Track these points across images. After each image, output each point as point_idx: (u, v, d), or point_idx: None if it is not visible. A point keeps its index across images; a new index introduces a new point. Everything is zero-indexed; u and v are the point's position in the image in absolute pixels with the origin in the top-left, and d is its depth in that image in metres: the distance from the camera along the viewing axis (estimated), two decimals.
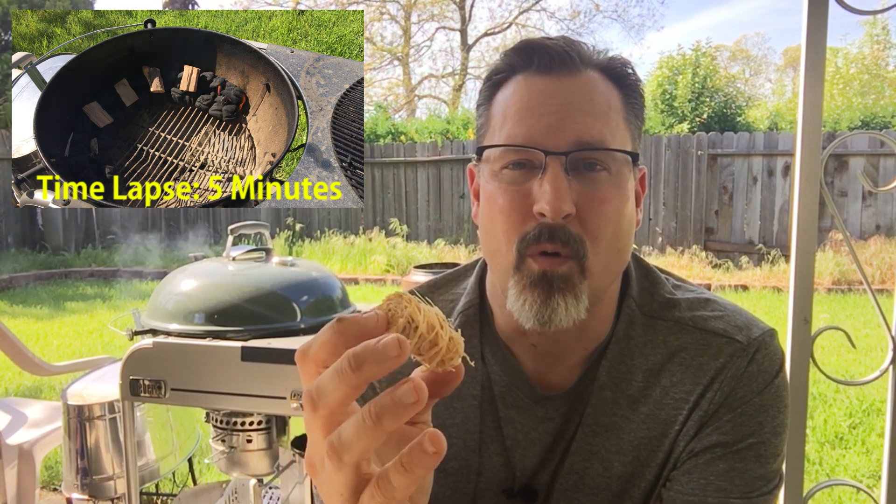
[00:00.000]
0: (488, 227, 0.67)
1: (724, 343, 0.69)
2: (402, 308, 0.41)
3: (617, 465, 0.69)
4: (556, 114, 0.62)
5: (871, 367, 4.14)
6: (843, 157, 8.19)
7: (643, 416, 0.69)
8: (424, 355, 0.41)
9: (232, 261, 1.87)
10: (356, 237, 9.52)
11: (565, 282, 0.62)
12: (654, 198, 9.17)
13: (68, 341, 5.52)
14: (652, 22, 29.03)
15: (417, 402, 0.36)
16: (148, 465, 2.01)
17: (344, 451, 0.37)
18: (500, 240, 0.64)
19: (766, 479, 0.67)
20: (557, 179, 0.60)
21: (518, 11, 17.27)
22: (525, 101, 0.63)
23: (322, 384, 0.38)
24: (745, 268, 8.34)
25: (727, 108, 10.59)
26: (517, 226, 0.63)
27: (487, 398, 0.73)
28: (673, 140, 9.15)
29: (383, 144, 10.32)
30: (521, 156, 0.63)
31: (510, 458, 0.72)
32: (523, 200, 0.62)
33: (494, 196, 0.65)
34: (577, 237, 0.62)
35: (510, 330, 0.71)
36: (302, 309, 1.70)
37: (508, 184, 0.64)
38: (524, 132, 0.62)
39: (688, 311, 0.72)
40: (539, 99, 0.63)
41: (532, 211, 0.62)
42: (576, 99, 0.63)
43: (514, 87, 0.65)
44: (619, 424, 0.69)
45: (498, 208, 0.64)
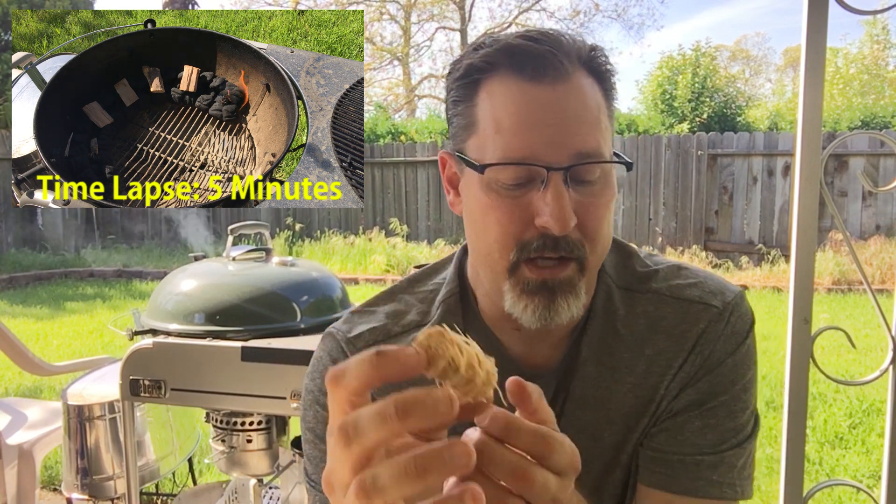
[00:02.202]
0: (480, 231, 0.67)
1: (702, 310, 0.72)
2: (443, 348, 0.40)
3: (607, 435, 0.71)
4: (555, 126, 0.62)
5: (871, 367, 4.13)
6: (843, 157, 8.19)
7: (629, 386, 0.71)
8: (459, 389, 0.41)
9: (232, 261, 1.87)
10: (356, 237, 9.52)
11: (567, 285, 0.64)
12: (654, 198, 9.17)
13: (68, 341, 5.52)
14: (652, 21, 29.05)
15: (467, 466, 0.36)
16: (148, 465, 2.01)
17: (377, 494, 0.37)
18: (494, 246, 0.65)
19: (735, 432, 0.70)
20: (561, 196, 0.61)
21: (518, 11, 17.27)
22: (522, 112, 0.62)
23: (361, 423, 0.38)
24: (745, 268, 8.34)
25: (727, 108, 10.60)
26: (515, 235, 0.63)
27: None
28: (673, 140, 9.15)
29: (383, 144, 10.32)
30: (522, 173, 0.62)
31: None
32: (523, 212, 0.63)
33: (489, 206, 0.64)
34: (577, 243, 0.63)
35: (494, 315, 0.72)
36: (302, 309, 1.70)
37: (506, 195, 0.63)
38: (523, 146, 0.62)
39: (664, 281, 0.74)
40: (537, 110, 0.62)
41: (532, 221, 0.63)
42: (571, 110, 0.62)
43: (502, 91, 0.64)
44: (606, 396, 0.71)
45: (495, 218, 0.64)
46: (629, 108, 12.45)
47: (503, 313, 0.68)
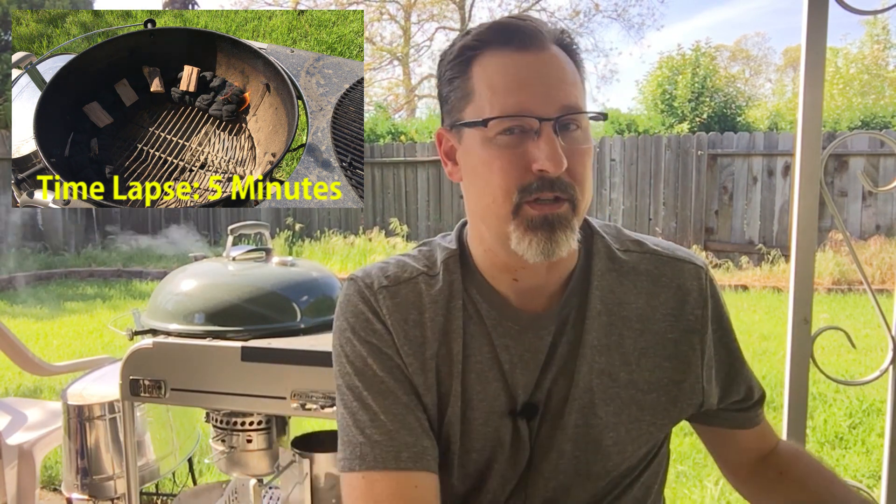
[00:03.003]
0: (483, 182, 0.77)
1: (692, 267, 0.87)
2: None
3: (623, 374, 0.82)
4: (543, 85, 0.74)
5: (871, 367, 4.13)
6: (843, 157, 8.19)
7: (638, 331, 0.83)
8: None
9: (232, 261, 1.87)
10: (356, 237, 9.52)
11: (564, 220, 0.74)
12: (654, 198, 9.17)
13: (68, 341, 5.52)
14: (652, 21, 28.90)
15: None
16: (148, 465, 2.01)
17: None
18: (498, 193, 0.75)
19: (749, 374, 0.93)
20: (553, 142, 0.72)
21: (518, 11, 17.27)
22: (512, 75, 0.74)
23: None
24: (745, 268, 8.34)
25: (727, 108, 10.59)
26: (516, 180, 0.73)
27: (482, 332, 0.82)
28: (673, 140, 9.15)
29: (383, 144, 10.31)
30: (517, 123, 0.73)
31: (508, 382, 0.82)
32: (521, 160, 0.73)
33: (491, 157, 0.75)
34: (570, 185, 0.74)
35: (493, 269, 0.83)
36: (302, 309, 1.70)
37: (505, 147, 0.74)
38: (518, 102, 0.73)
39: (654, 245, 0.88)
40: (525, 72, 0.74)
41: (529, 167, 0.73)
42: (553, 71, 0.75)
43: (494, 62, 0.75)
44: (619, 342, 0.82)
45: (497, 167, 0.74)
46: (629, 108, 12.46)
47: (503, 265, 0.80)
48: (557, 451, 0.81)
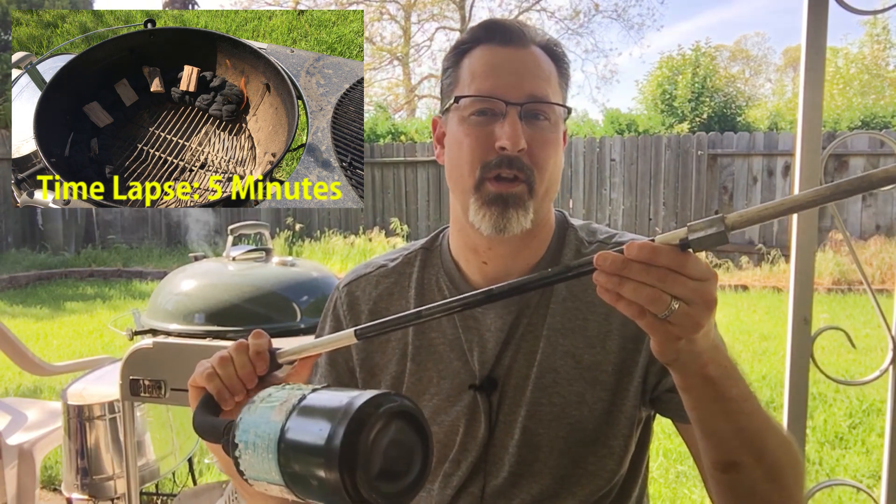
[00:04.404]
0: (455, 157, 0.85)
1: None
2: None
3: (586, 356, 0.87)
4: (514, 74, 0.82)
5: (871, 367, 4.13)
6: (843, 157, 8.19)
7: (602, 315, 0.87)
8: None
9: (232, 261, 1.87)
10: (356, 237, 9.52)
11: (518, 199, 0.81)
12: (654, 198, 9.17)
13: (68, 341, 5.52)
14: (651, 22, 28.88)
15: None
16: (148, 465, 2.01)
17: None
18: (465, 167, 0.83)
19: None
20: (515, 123, 0.80)
21: (518, 11, 17.26)
22: (490, 64, 0.83)
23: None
24: (745, 268, 8.34)
25: (727, 108, 10.59)
26: (480, 156, 0.81)
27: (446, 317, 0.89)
28: (673, 140, 9.15)
29: (383, 144, 10.31)
30: (486, 104, 0.82)
31: (468, 360, 0.88)
32: (487, 138, 0.81)
33: (463, 134, 0.83)
34: (528, 167, 0.81)
35: (466, 251, 0.91)
36: (302, 309, 1.70)
37: (475, 125, 0.82)
38: (490, 86, 0.81)
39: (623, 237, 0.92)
40: (501, 62, 0.83)
41: (493, 146, 0.81)
42: (528, 65, 0.83)
43: (479, 54, 0.84)
44: (582, 325, 0.87)
45: (467, 143, 0.82)
46: (629, 108, 12.45)
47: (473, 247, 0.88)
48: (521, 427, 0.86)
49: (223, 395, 0.71)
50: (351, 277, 0.98)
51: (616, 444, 0.87)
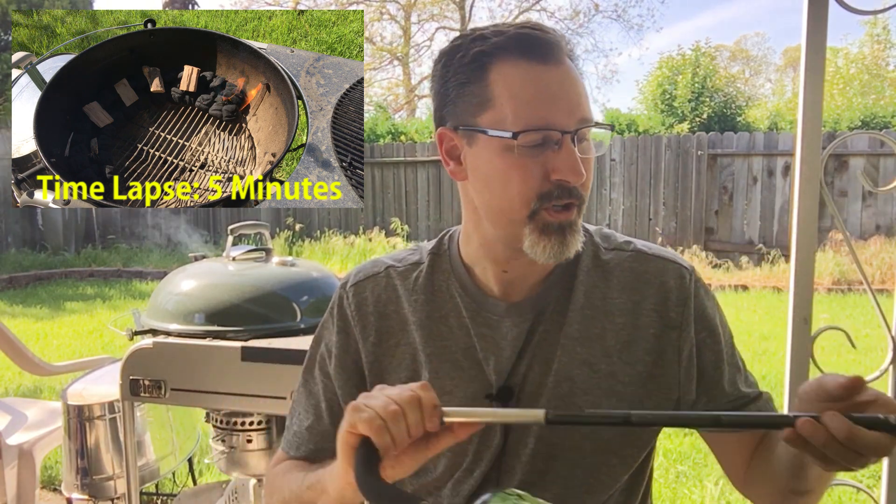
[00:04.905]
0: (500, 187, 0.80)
1: (676, 266, 0.89)
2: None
3: (603, 366, 0.85)
4: (565, 99, 0.77)
5: (871, 367, 4.13)
6: (843, 157, 8.18)
7: (620, 325, 0.86)
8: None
9: (232, 261, 1.87)
10: (356, 237, 9.52)
11: (573, 225, 0.80)
12: (654, 198, 9.17)
13: (68, 341, 5.52)
14: (651, 22, 28.81)
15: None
16: (148, 465, 2.01)
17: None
18: (515, 199, 0.79)
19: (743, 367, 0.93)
20: (573, 153, 0.76)
21: (518, 11, 17.25)
22: (535, 88, 0.77)
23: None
24: (745, 268, 8.33)
25: (727, 108, 10.59)
26: (536, 188, 0.77)
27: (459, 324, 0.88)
28: (673, 140, 9.15)
29: (383, 144, 10.31)
30: (543, 136, 0.76)
31: (483, 368, 0.86)
32: (540, 169, 0.77)
33: (511, 166, 0.78)
34: (581, 192, 0.79)
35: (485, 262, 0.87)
36: (302, 309, 1.70)
37: (526, 157, 0.77)
38: (545, 115, 0.76)
39: (642, 245, 0.91)
40: (547, 85, 0.77)
41: (548, 176, 0.77)
42: (574, 85, 0.78)
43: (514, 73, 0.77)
44: (601, 334, 0.86)
45: (518, 176, 0.78)
46: (629, 108, 12.45)
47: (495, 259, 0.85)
48: (535, 436, 0.85)
49: (389, 449, 0.67)
50: (359, 277, 0.94)
51: (629, 454, 0.87)
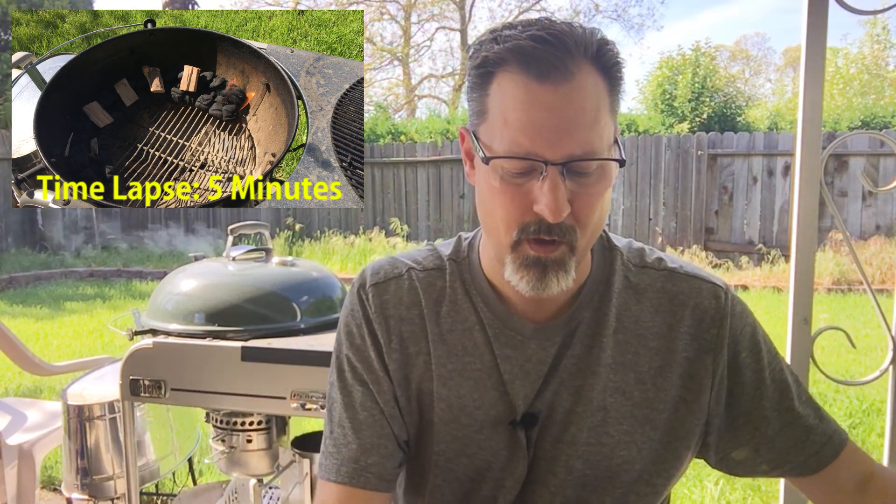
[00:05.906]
0: (489, 209, 0.75)
1: (710, 286, 0.84)
2: None
3: (637, 393, 0.81)
4: (555, 128, 0.68)
5: (871, 367, 4.13)
6: (843, 157, 8.19)
7: (654, 350, 0.81)
8: None
9: (232, 261, 1.87)
10: (356, 237, 9.52)
11: (558, 262, 0.72)
12: (654, 198, 9.17)
13: (68, 341, 5.52)
14: (652, 22, 28.88)
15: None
16: (148, 465, 2.01)
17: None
18: (500, 224, 0.74)
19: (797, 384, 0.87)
20: (556, 187, 0.68)
21: (518, 11, 17.26)
22: (527, 111, 0.68)
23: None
24: (745, 268, 8.34)
25: (727, 108, 10.58)
26: (517, 218, 0.72)
27: (483, 340, 0.82)
28: (673, 140, 9.15)
29: (383, 144, 10.31)
30: (524, 165, 0.70)
31: (507, 391, 0.81)
32: (524, 198, 0.71)
33: (497, 190, 0.72)
34: (570, 228, 0.71)
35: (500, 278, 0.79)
36: (302, 309, 1.70)
37: (510, 183, 0.71)
38: (528, 143, 0.68)
39: (672, 263, 0.86)
40: (541, 111, 0.68)
41: (531, 207, 0.70)
42: (571, 112, 0.68)
43: (512, 89, 0.69)
44: (634, 360, 0.81)
45: (500, 202, 0.72)
46: (629, 108, 12.43)
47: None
48: (565, 466, 0.81)
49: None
50: (379, 279, 0.87)
51: (660, 483, 0.84)
